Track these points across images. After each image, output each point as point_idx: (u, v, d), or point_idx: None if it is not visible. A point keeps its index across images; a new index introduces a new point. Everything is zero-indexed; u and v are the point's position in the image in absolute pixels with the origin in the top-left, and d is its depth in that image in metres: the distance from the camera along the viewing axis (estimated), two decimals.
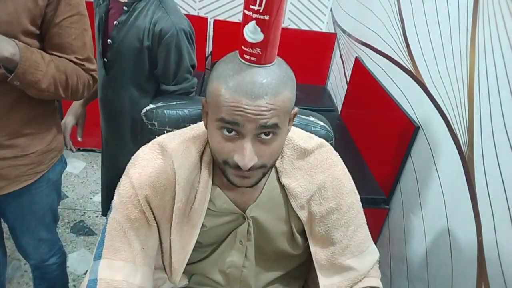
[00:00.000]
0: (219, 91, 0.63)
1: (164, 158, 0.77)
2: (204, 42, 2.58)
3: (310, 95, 2.48)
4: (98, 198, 2.27)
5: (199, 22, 2.51)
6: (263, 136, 0.65)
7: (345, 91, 2.26)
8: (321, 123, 1.01)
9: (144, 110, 1.00)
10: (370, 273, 0.85)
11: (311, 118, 1.00)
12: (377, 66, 1.86)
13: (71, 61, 0.98)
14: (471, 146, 1.15)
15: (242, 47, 0.63)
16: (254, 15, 0.60)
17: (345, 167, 0.87)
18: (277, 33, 0.62)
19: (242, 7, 0.62)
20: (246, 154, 0.64)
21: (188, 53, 1.28)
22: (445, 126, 1.27)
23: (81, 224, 2.08)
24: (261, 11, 0.59)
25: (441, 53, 1.34)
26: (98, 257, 0.74)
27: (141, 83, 1.35)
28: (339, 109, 2.31)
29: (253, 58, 0.63)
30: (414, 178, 1.44)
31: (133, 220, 0.75)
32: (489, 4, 1.11)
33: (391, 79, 1.70)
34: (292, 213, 0.83)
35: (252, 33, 0.61)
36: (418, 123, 1.43)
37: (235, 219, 0.83)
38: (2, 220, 1.22)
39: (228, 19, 2.65)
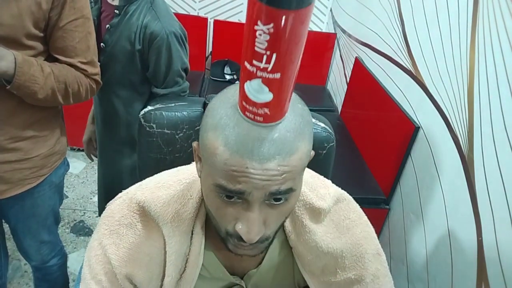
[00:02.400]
0: (216, 148, 0.47)
1: (147, 222, 0.63)
2: (204, 42, 2.59)
3: (310, 95, 2.48)
4: (97, 198, 2.27)
5: (199, 22, 2.51)
6: (272, 201, 0.51)
7: (345, 91, 2.26)
8: (322, 124, 1.00)
9: (142, 112, 1.00)
10: None
11: (312, 120, 1.00)
12: (377, 66, 1.86)
13: (74, 65, 0.99)
14: (471, 146, 1.15)
15: (243, 103, 0.45)
16: (260, 73, 0.42)
17: (367, 222, 0.71)
18: (292, 86, 0.45)
19: (242, 7, 0.49)
20: (252, 229, 0.50)
21: (179, 57, 1.28)
22: (445, 126, 1.27)
23: (81, 224, 2.08)
24: (269, 69, 0.41)
25: (441, 53, 1.34)
26: None
27: (135, 86, 1.35)
28: (339, 109, 2.31)
29: (258, 118, 0.45)
30: (414, 178, 1.44)
31: None
32: (489, 4, 1.11)
33: (391, 79, 1.70)
34: (299, 276, 0.70)
35: (256, 91, 0.44)
36: (418, 123, 1.43)
37: (230, 285, 0.71)
38: (3, 221, 1.22)
39: (228, 19, 2.65)
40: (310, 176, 0.70)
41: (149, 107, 1.00)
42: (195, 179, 0.66)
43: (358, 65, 2.07)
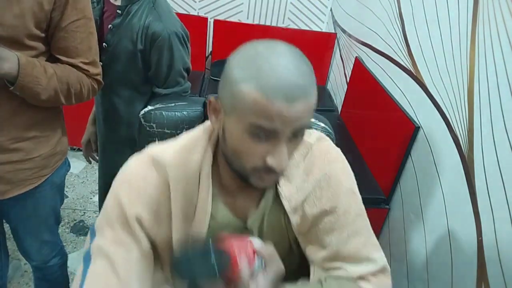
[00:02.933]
0: (249, 94, 0.57)
1: (156, 171, 0.71)
2: (204, 42, 2.59)
3: None
4: (98, 198, 2.27)
5: (199, 22, 2.51)
6: (292, 137, 0.61)
7: (345, 91, 2.26)
8: (322, 124, 1.01)
9: (142, 112, 1.00)
10: (368, 278, 0.73)
11: (312, 119, 1.00)
12: (377, 66, 1.86)
13: (76, 65, 0.99)
14: (471, 146, 1.15)
15: None
16: None
17: (347, 164, 0.79)
18: None
19: (242, 7, 0.58)
20: (284, 159, 0.60)
21: (181, 57, 1.28)
22: (445, 126, 1.27)
23: (81, 224, 2.08)
24: None
25: (441, 53, 1.34)
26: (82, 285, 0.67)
27: (137, 86, 1.35)
28: (339, 109, 2.31)
29: None
30: (414, 178, 1.44)
31: (120, 243, 0.68)
32: (489, 4, 1.11)
33: (391, 79, 1.70)
34: (288, 220, 0.77)
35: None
36: (418, 123, 1.43)
37: (237, 230, 0.76)
38: (4, 221, 1.22)
39: (228, 19, 2.65)
40: None
41: (149, 107, 1.00)
42: (199, 134, 0.74)
43: (358, 65, 2.07)
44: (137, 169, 0.72)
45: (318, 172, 0.75)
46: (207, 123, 0.75)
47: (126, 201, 0.69)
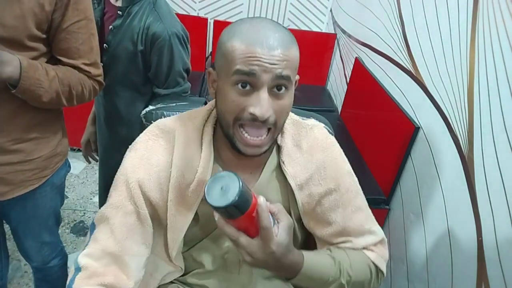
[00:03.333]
0: (233, 46, 0.65)
1: (158, 137, 0.77)
2: (204, 42, 2.59)
3: (310, 95, 2.48)
4: (98, 198, 2.27)
5: (199, 23, 2.51)
6: (275, 90, 0.67)
7: (345, 91, 2.26)
8: (322, 124, 1.01)
9: (143, 112, 1.00)
10: (370, 248, 0.83)
11: (312, 120, 1.00)
12: (377, 66, 1.86)
13: (77, 67, 0.99)
14: (471, 146, 1.15)
15: None
16: None
17: (341, 149, 0.87)
18: None
19: (242, 7, 0.62)
20: (264, 104, 0.65)
21: (181, 58, 1.28)
22: (445, 126, 1.28)
23: (81, 224, 2.08)
24: None
25: (441, 53, 1.34)
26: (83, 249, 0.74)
27: (137, 86, 1.35)
28: (339, 109, 2.32)
29: None
30: (414, 178, 1.44)
31: (118, 208, 0.74)
32: (489, 4, 1.11)
33: (391, 80, 1.70)
34: (292, 197, 0.81)
35: None
36: (418, 123, 1.43)
37: None
38: (4, 222, 1.22)
39: (228, 19, 2.65)
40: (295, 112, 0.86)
41: (150, 107, 1.01)
42: (203, 109, 0.81)
43: (358, 65, 2.07)
44: (142, 139, 0.78)
45: (321, 154, 0.81)
46: (208, 104, 0.83)
47: (130, 166, 0.75)
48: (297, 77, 0.73)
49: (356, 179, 0.85)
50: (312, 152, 0.80)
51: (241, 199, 0.58)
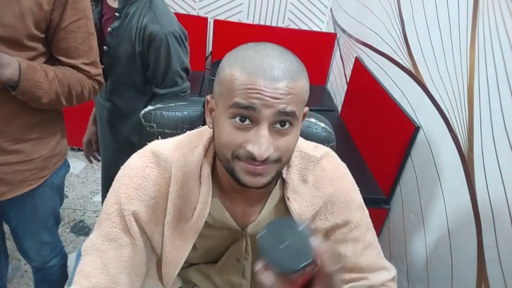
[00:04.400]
0: (233, 75, 0.58)
1: (156, 166, 0.71)
2: (204, 42, 2.58)
3: (310, 95, 2.42)
4: (98, 198, 2.27)
5: (199, 22, 2.51)
6: (279, 126, 0.59)
7: (345, 91, 2.26)
8: (322, 124, 1.01)
9: (142, 112, 1.00)
10: (386, 284, 0.78)
11: (312, 120, 1.00)
12: (377, 66, 1.86)
13: (77, 67, 0.99)
14: (471, 146, 1.15)
15: None
16: None
17: (353, 179, 0.80)
18: None
19: (242, 7, 0.59)
20: (263, 143, 0.57)
21: (178, 57, 1.27)
22: (445, 126, 1.27)
23: (81, 224, 2.08)
24: None
25: (441, 53, 1.34)
26: (69, 284, 0.68)
27: (137, 86, 1.35)
28: (339, 109, 2.31)
29: None
30: (414, 178, 1.44)
31: (112, 240, 0.69)
32: (489, 4, 1.11)
33: (391, 79, 1.70)
34: None
35: None
36: (418, 123, 1.43)
37: (233, 234, 0.78)
38: (3, 222, 1.22)
39: (228, 19, 2.65)
40: (304, 140, 0.80)
41: (150, 107, 1.00)
42: (201, 132, 0.75)
43: (358, 65, 2.07)
44: (137, 166, 0.72)
45: (329, 187, 0.75)
46: (211, 131, 0.75)
47: (125, 196, 0.70)
48: (306, 109, 0.66)
49: (367, 213, 0.80)
50: (319, 186, 0.74)
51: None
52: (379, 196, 1.59)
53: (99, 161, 1.60)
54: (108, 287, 0.67)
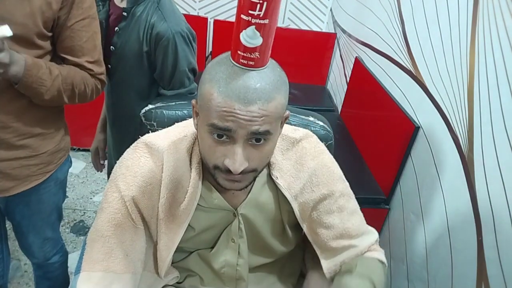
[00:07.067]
0: (211, 94, 0.62)
1: (149, 155, 0.77)
2: (204, 42, 2.58)
3: (310, 95, 2.48)
4: (98, 198, 2.27)
5: (199, 22, 2.51)
6: (254, 141, 0.65)
7: (345, 91, 2.26)
8: (321, 123, 1.01)
9: (143, 111, 1.00)
10: (372, 248, 0.86)
11: (311, 118, 1.00)
12: (377, 66, 1.86)
13: (81, 65, 1.00)
14: (471, 146, 1.15)
15: (238, 52, 0.62)
16: (254, 20, 0.58)
17: (331, 155, 0.88)
18: (273, 36, 0.62)
19: None
20: (237, 159, 0.63)
21: (185, 57, 1.25)
22: (445, 126, 1.27)
23: (81, 224, 2.08)
24: (261, 15, 0.58)
25: (441, 53, 1.34)
26: (77, 271, 0.72)
27: (144, 87, 1.33)
28: (339, 109, 2.31)
29: (251, 63, 0.62)
30: (414, 178, 1.44)
31: (116, 225, 0.74)
32: (489, 4, 1.11)
33: (391, 79, 1.70)
34: (284, 207, 0.83)
35: (250, 38, 0.60)
36: (418, 123, 1.43)
37: (226, 216, 0.83)
38: (6, 220, 1.22)
39: (228, 19, 2.65)
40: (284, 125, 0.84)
41: (150, 106, 1.01)
42: (189, 124, 0.82)
43: (358, 65, 2.07)
44: (133, 157, 0.78)
45: (311, 162, 0.82)
46: None
47: (123, 184, 0.75)
48: (287, 113, 0.72)
49: (347, 183, 0.88)
50: (302, 162, 0.82)
51: None
52: (379, 196, 1.59)
53: (101, 171, 1.62)
54: (117, 270, 0.72)
